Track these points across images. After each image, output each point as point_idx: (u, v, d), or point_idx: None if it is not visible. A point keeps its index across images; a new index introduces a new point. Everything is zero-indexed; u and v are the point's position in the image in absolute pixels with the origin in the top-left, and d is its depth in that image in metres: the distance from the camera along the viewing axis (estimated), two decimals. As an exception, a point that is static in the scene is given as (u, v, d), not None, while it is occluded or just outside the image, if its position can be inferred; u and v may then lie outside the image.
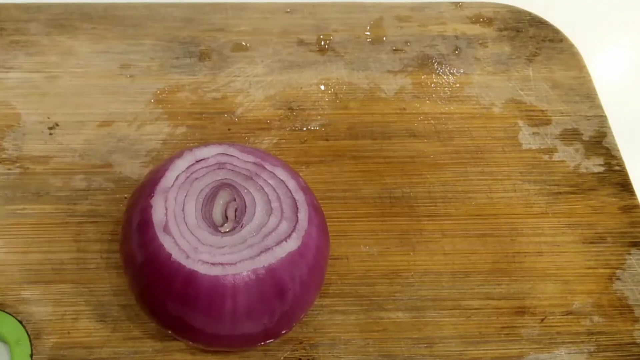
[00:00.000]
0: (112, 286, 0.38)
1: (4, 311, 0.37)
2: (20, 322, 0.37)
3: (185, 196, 0.32)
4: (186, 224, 0.32)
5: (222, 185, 0.33)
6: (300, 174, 0.43)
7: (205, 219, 0.32)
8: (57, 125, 0.45)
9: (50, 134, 0.44)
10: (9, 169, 0.43)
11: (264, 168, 0.34)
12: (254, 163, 0.34)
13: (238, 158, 0.34)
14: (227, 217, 0.33)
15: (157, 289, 0.30)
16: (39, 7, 0.51)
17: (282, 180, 0.34)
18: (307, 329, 0.38)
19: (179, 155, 0.34)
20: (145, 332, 0.37)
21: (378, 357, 0.37)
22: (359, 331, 0.38)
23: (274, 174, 0.34)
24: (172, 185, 0.32)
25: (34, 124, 0.45)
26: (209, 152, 0.34)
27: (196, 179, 0.33)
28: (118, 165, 0.43)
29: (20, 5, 0.50)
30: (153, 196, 0.32)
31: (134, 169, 0.43)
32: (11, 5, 0.50)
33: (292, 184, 0.34)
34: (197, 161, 0.34)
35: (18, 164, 0.43)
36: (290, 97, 0.48)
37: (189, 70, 0.48)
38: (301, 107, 0.47)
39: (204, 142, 0.35)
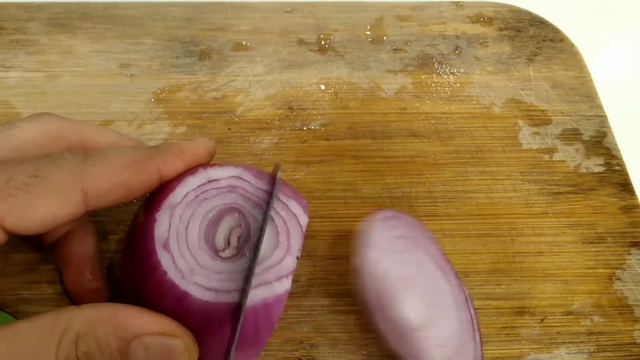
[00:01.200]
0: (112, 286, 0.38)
1: (4, 311, 0.37)
2: (21, 321, 0.37)
3: (191, 215, 0.31)
4: (187, 243, 0.30)
5: (230, 209, 0.32)
6: (300, 174, 0.43)
7: (207, 241, 0.31)
8: (57, 124, 0.45)
9: (50, 133, 0.44)
10: (9, 169, 0.42)
11: (277, 198, 0.32)
12: (267, 191, 0.33)
13: (251, 183, 0.33)
14: (229, 243, 0.32)
15: (149, 305, 0.29)
16: (39, 6, 0.51)
17: (294, 214, 0.32)
18: (307, 329, 0.38)
19: (192, 172, 0.33)
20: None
21: (378, 357, 0.37)
22: (359, 331, 0.38)
23: (287, 206, 0.32)
24: (180, 202, 0.31)
25: (34, 124, 0.45)
26: (223, 173, 0.33)
27: (205, 199, 0.32)
28: (118, 164, 0.43)
29: (21, 4, 0.50)
30: (159, 210, 0.31)
31: (134, 169, 0.43)
32: (11, 4, 0.50)
33: (303, 218, 0.32)
34: (210, 181, 0.32)
35: (18, 164, 0.43)
36: (290, 97, 0.48)
37: (189, 70, 0.48)
38: (301, 106, 0.47)
39: (220, 162, 0.34)
